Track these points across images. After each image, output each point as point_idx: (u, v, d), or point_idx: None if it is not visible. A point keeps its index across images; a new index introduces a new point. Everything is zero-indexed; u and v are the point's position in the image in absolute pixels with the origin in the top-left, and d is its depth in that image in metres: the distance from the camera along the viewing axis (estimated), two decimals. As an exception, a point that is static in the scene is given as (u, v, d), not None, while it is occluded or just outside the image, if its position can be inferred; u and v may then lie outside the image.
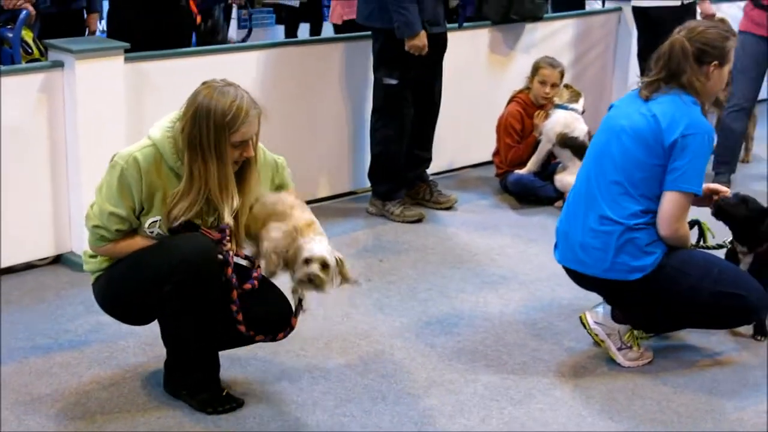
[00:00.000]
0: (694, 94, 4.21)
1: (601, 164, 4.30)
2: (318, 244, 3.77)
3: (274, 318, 3.91)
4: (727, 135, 7.07)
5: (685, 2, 7.33)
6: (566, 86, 6.72)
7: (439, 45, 6.12)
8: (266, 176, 3.97)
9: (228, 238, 3.74)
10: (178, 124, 3.69)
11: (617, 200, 4.20)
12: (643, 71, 5.94)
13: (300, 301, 3.90)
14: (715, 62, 4.23)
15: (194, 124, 3.62)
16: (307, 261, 3.74)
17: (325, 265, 3.76)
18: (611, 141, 4.28)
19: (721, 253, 4.57)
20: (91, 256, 3.90)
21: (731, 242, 4.65)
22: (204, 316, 3.76)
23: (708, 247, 4.54)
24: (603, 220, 4.22)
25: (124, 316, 3.99)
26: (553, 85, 6.68)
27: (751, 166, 7.71)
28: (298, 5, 9.76)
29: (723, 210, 4.49)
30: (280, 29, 10.73)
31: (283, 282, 3.90)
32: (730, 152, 7.13)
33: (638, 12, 7.66)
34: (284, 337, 3.96)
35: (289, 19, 10.41)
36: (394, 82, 6.03)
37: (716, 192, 4.50)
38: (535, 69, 6.77)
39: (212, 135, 3.61)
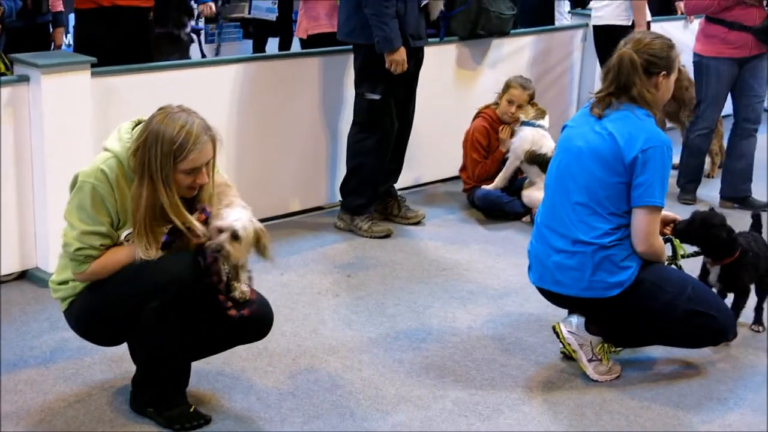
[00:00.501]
0: (645, 106, 4.24)
1: (564, 186, 4.31)
2: (235, 214, 3.72)
3: (255, 318, 3.90)
4: (694, 154, 7.17)
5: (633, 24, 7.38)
6: (531, 104, 6.73)
7: (419, 59, 6.16)
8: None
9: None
10: (132, 145, 3.66)
11: (586, 221, 4.22)
12: None
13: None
14: (663, 72, 4.27)
15: (145, 150, 3.59)
16: (220, 230, 3.69)
17: (235, 237, 3.70)
18: (571, 163, 4.30)
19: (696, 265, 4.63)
20: (61, 283, 3.85)
21: (698, 252, 4.74)
22: (189, 331, 3.76)
23: (685, 256, 4.58)
24: (576, 244, 4.24)
25: (103, 338, 3.95)
26: (520, 106, 6.70)
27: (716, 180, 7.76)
28: (275, 19, 9.78)
29: (681, 234, 4.60)
30: (248, 44, 10.73)
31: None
32: (695, 170, 7.22)
33: (595, 30, 7.75)
34: (267, 332, 4.01)
35: (257, 33, 10.42)
36: (377, 97, 6.03)
37: (671, 221, 4.57)
38: (506, 87, 6.79)
39: (159, 162, 3.58)
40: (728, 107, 7.38)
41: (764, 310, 4.94)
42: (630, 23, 7.38)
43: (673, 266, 4.52)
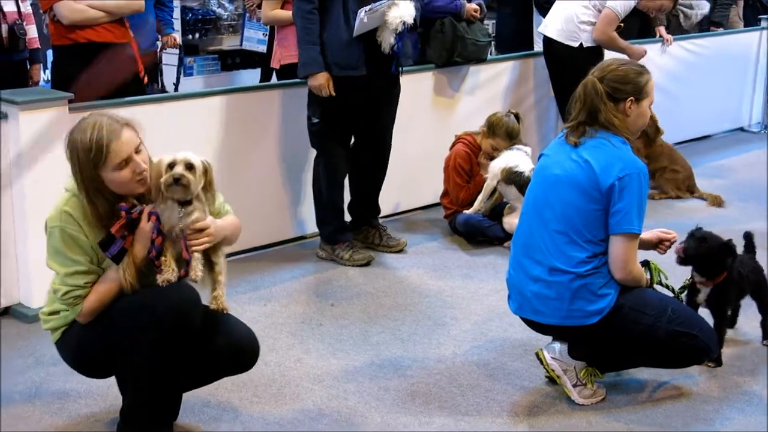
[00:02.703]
0: (617, 132, 4.26)
1: (540, 215, 4.33)
2: (181, 152, 3.75)
3: (243, 346, 3.93)
4: None
5: (585, 45, 7.43)
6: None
7: (362, 89, 6.01)
8: None
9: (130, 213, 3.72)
10: (73, 199, 3.72)
11: (563, 250, 4.24)
12: (563, 115, 6.03)
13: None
14: (631, 98, 4.28)
15: (72, 166, 3.67)
16: (172, 165, 3.70)
17: (190, 167, 3.71)
18: (548, 191, 4.32)
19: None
20: (51, 313, 3.84)
21: (690, 278, 4.75)
22: (180, 362, 3.75)
23: (664, 285, 4.58)
24: (553, 272, 4.25)
25: (95, 370, 3.94)
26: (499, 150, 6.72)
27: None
28: (264, 51, 9.81)
29: (690, 257, 4.64)
30: (227, 76, 10.73)
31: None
32: None
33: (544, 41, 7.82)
34: (253, 363, 4.02)
35: (243, 65, 10.50)
36: (316, 120, 6.06)
37: (664, 239, 4.57)
38: (492, 131, 6.71)
39: (87, 171, 3.63)
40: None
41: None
42: (577, 45, 7.42)
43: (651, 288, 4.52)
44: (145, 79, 6.60)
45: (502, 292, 4.59)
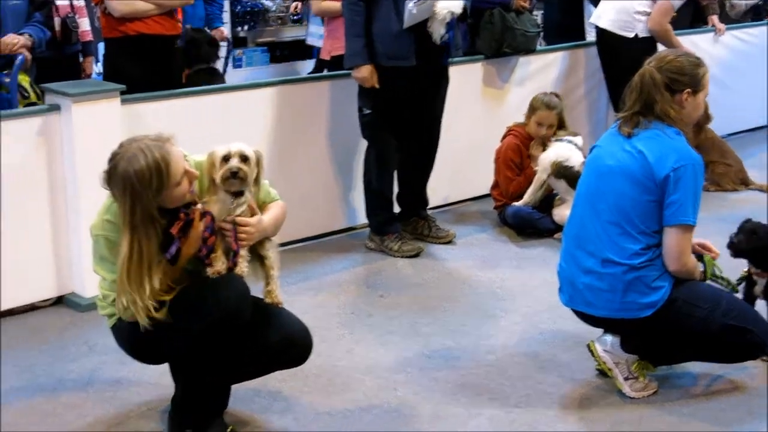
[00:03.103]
0: (672, 124, 4.21)
1: (593, 206, 4.30)
2: (234, 143, 3.74)
3: (295, 340, 3.92)
4: None
5: (639, 36, 7.37)
6: (563, 127, 6.71)
7: (413, 80, 6.04)
8: None
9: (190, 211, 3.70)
10: (114, 205, 3.63)
11: (617, 242, 4.20)
12: (615, 105, 5.97)
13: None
14: (688, 90, 4.24)
15: (123, 206, 3.55)
16: (226, 157, 3.69)
17: (244, 158, 3.71)
18: (601, 182, 4.29)
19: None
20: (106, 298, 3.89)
21: (747, 269, 4.70)
22: (231, 354, 3.77)
23: (719, 277, 4.50)
24: (606, 264, 4.22)
25: (148, 357, 3.96)
26: (550, 126, 6.69)
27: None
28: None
29: (741, 250, 4.61)
30: (275, 68, 10.76)
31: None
32: None
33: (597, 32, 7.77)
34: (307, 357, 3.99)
35: (292, 57, 10.55)
36: (367, 111, 6.09)
37: (706, 248, 4.51)
38: (532, 108, 6.77)
39: (146, 201, 3.52)
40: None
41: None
42: (632, 36, 7.36)
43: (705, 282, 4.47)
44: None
45: (553, 284, 4.56)
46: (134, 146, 3.54)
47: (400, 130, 6.21)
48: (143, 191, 3.50)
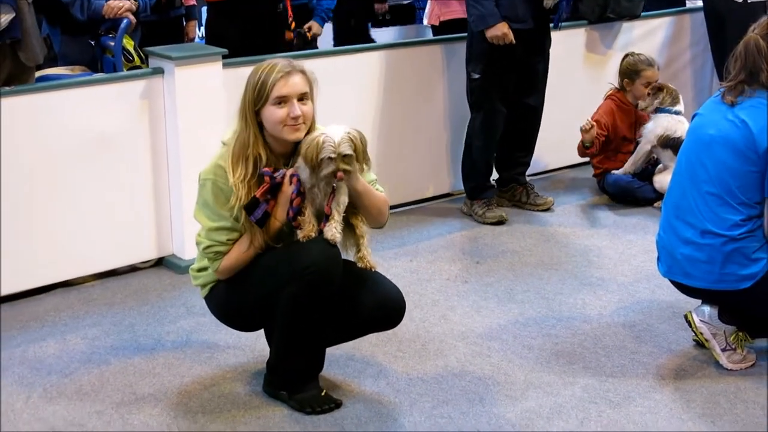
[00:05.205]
0: None
1: (694, 176, 4.22)
2: (332, 135, 3.68)
3: (389, 302, 3.94)
4: None
5: (748, 0, 7.17)
6: (664, 88, 6.61)
7: (526, 43, 6.07)
8: None
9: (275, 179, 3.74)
10: (226, 151, 3.79)
11: (717, 212, 4.13)
12: (720, 73, 5.83)
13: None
14: None
15: (241, 98, 3.76)
16: (330, 159, 3.66)
17: (346, 156, 3.68)
18: (701, 151, 4.20)
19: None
20: (200, 270, 3.95)
21: None
22: (324, 318, 3.81)
23: None
24: (705, 234, 4.15)
25: (242, 324, 4.04)
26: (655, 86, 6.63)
27: None
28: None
29: None
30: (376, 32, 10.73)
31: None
32: None
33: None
34: (399, 321, 4.00)
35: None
36: (477, 76, 6.08)
37: None
38: (635, 72, 6.70)
39: (249, 99, 3.72)
40: None
41: None
42: (741, 0, 7.16)
43: None
44: (293, 24, 6.72)
45: (651, 253, 4.51)
46: (269, 61, 3.79)
47: (506, 95, 6.19)
48: (249, 100, 3.73)
